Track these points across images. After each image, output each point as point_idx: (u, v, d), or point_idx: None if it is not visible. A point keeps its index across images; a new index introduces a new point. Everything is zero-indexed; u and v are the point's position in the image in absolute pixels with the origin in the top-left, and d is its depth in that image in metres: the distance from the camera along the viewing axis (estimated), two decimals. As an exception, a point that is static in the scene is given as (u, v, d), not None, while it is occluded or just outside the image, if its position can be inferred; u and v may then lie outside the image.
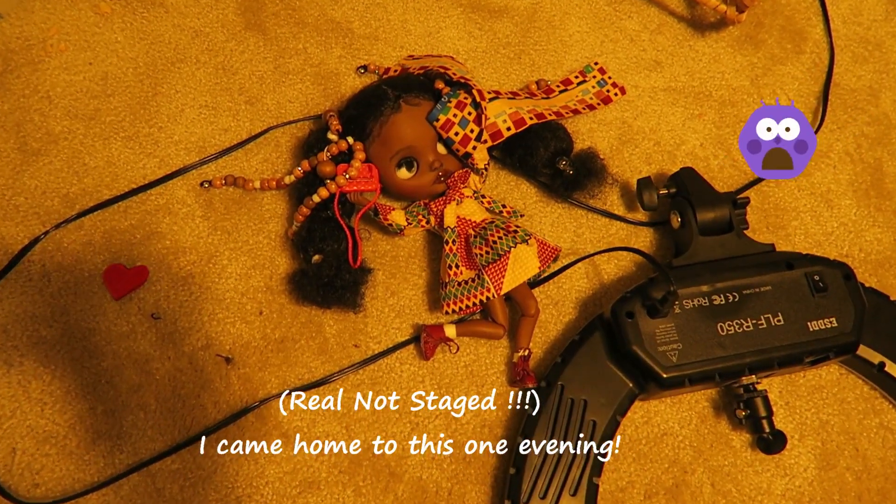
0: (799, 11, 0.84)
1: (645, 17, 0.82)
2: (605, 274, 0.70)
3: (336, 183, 0.65)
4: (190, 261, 0.67)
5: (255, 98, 0.74)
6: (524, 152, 0.71)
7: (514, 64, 0.79)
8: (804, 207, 0.75)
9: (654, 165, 0.75)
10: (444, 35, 0.79)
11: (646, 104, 0.78)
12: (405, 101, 0.66)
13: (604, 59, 0.80)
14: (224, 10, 0.77)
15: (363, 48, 0.78)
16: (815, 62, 0.82)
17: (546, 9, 0.81)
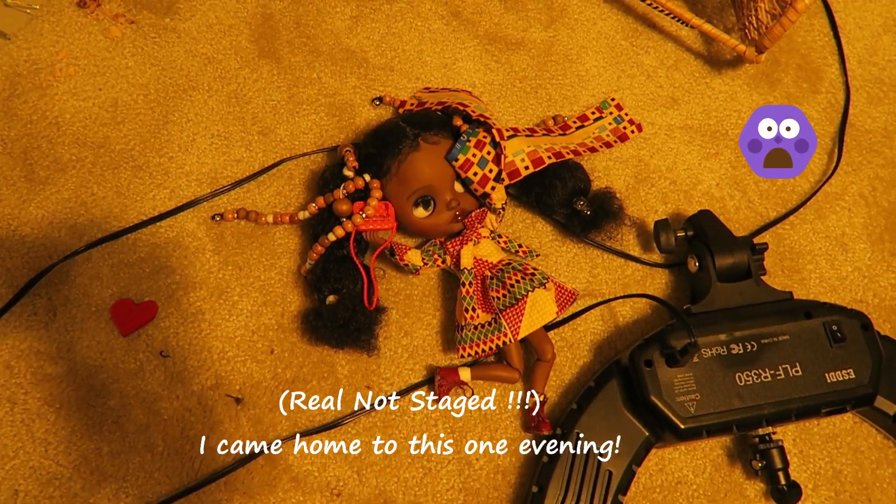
0: (815, 50, 0.84)
1: (662, 53, 0.81)
2: (621, 317, 0.69)
3: (352, 222, 0.64)
4: (200, 296, 0.66)
5: (268, 128, 0.73)
6: (542, 191, 0.70)
7: (531, 98, 0.78)
8: (819, 251, 0.75)
9: (670, 205, 0.75)
10: (461, 67, 0.78)
11: (662, 142, 0.78)
12: (424, 140, 0.65)
13: (620, 94, 0.79)
14: (237, 37, 0.76)
15: (378, 79, 0.76)
16: (830, 102, 0.81)
17: (563, 42, 0.81)
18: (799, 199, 0.76)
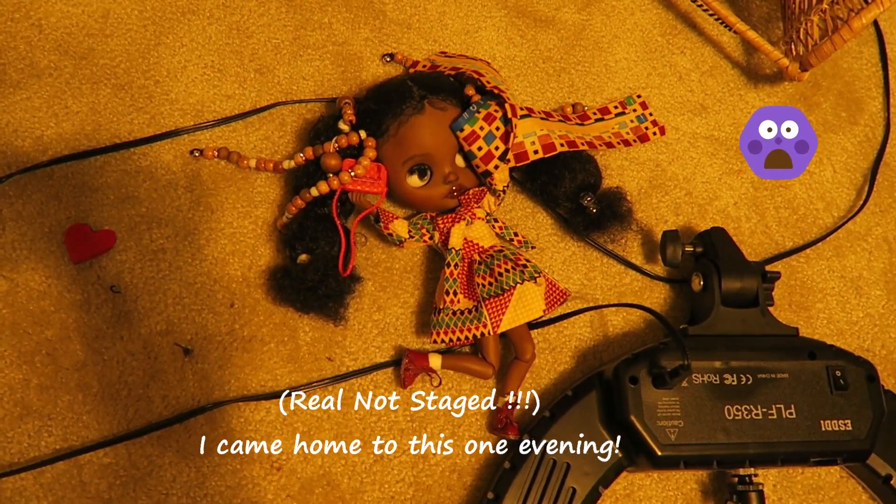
0: (860, 79, 0.79)
1: (698, 56, 0.76)
2: (612, 326, 0.64)
3: (339, 179, 0.58)
4: (164, 234, 0.61)
5: (266, 67, 0.67)
6: (548, 180, 0.65)
7: (553, 81, 0.72)
8: (832, 290, 0.70)
9: (682, 217, 0.70)
10: (483, 36, 0.73)
11: (684, 149, 0.72)
12: (430, 103, 0.60)
13: (648, 92, 0.74)
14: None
15: (393, 34, 0.71)
16: (868, 136, 0.76)
17: (596, 28, 0.75)
18: (819, 233, 0.71)
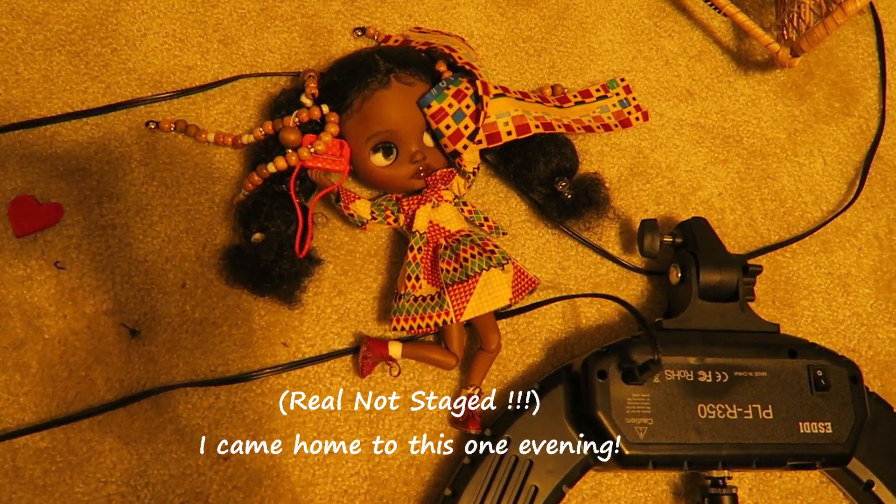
0: (856, 69, 0.75)
1: (686, 40, 0.73)
2: (584, 318, 0.62)
3: (298, 155, 0.55)
4: (114, 209, 0.58)
5: (231, 38, 0.64)
6: (522, 163, 0.61)
7: (533, 61, 0.69)
8: (818, 287, 0.67)
9: (663, 206, 0.67)
10: (461, 13, 0.69)
11: (668, 136, 0.69)
12: (396, 78, 0.57)
13: (632, 76, 0.71)
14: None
15: (366, 8, 0.68)
16: (861, 128, 0.73)
17: (580, 7, 0.72)
18: (807, 227, 0.68)
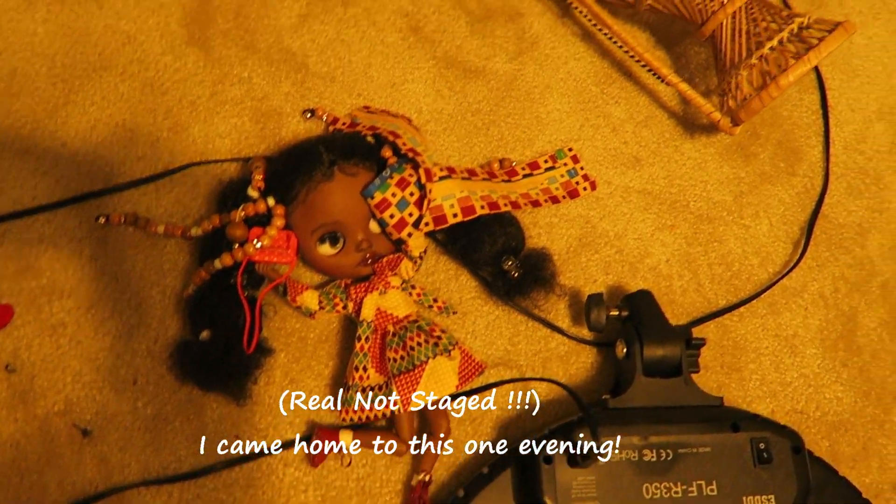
0: (800, 127, 0.77)
1: (633, 106, 0.74)
2: (536, 394, 0.63)
3: (244, 251, 0.56)
4: (65, 307, 0.58)
5: (181, 125, 0.65)
6: (468, 244, 0.63)
7: (481, 135, 0.70)
8: (766, 350, 0.68)
9: (611, 276, 0.68)
10: (409, 89, 0.71)
11: (616, 204, 0.71)
12: (340, 169, 0.58)
13: (580, 145, 0.72)
14: (167, 18, 0.68)
15: (315, 88, 0.69)
16: (806, 187, 0.75)
17: (527, 78, 0.73)
18: (753, 290, 0.70)
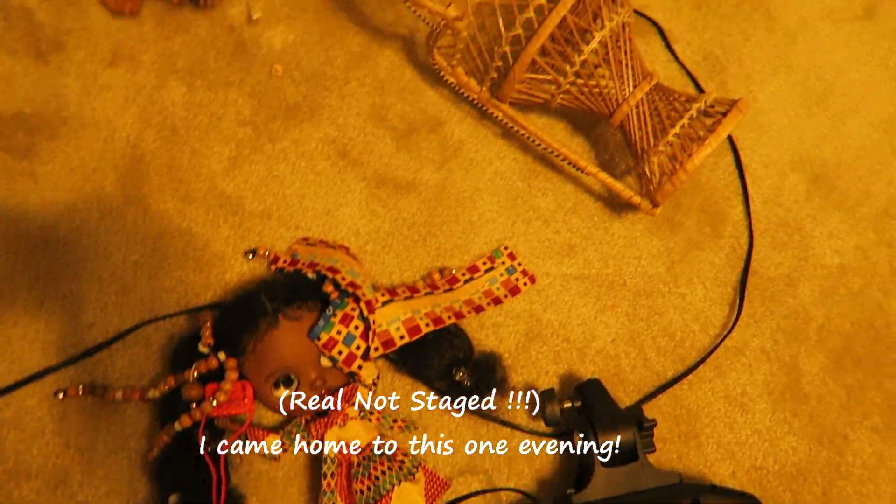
0: (719, 190, 0.81)
1: (560, 196, 0.78)
2: (505, 496, 0.65)
3: (201, 410, 0.58)
4: (34, 488, 0.60)
5: (127, 287, 0.67)
6: (417, 361, 0.65)
7: (419, 247, 0.74)
8: (718, 413, 0.71)
9: (561, 365, 0.71)
10: (344, 213, 0.74)
11: (557, 294, 0.74)
12: (284, 315, 0.61)
13: (515, 241, 0.75)
14: (102, 182, 0.71)
15: (254, 228, 0.72)
16: (733, 247, 0.79)
17: (456, 183, 0.77)
18: (698, 356, 0.73)
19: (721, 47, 0.88)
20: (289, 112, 0.77)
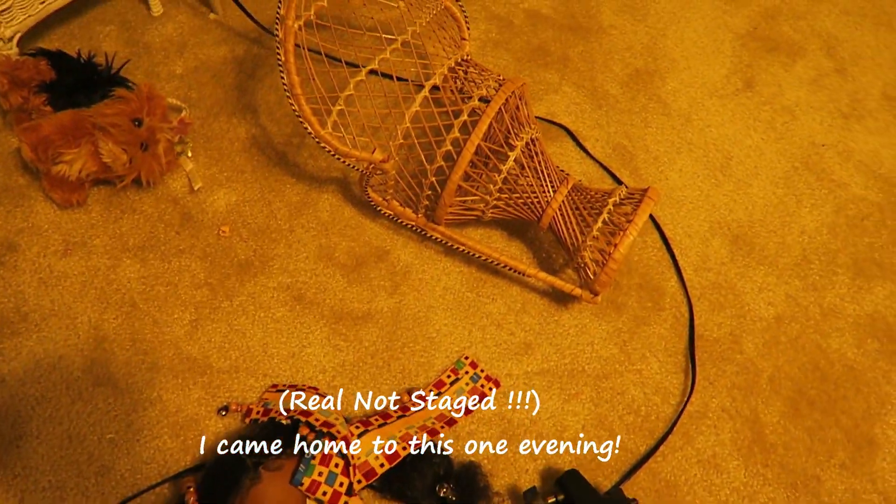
0: (652, 266, 0.87)
1: (508, 298, 0.83)
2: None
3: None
4: None
5: (106, 467, 0.68)
6: (401, 484, 0.67)
7: (384, 373, 0.77)
8: (695, 479, 0.74)
9: (539, 461, 0.73)
10: (308, 353, 0.77)
11: (522, 393, 0.77)
12: (265, 468, 0.62)
13: (473, 349, 0.79)
14: (69, 368, 0.73)
15: (223, 384, 0.74)
16: (676, 317, 0.84)
17: (410, 306, 0.81)
18: (665, 426, 0.77)
19: (627, 137, 0.97)
20: (241, 268, 0.81)
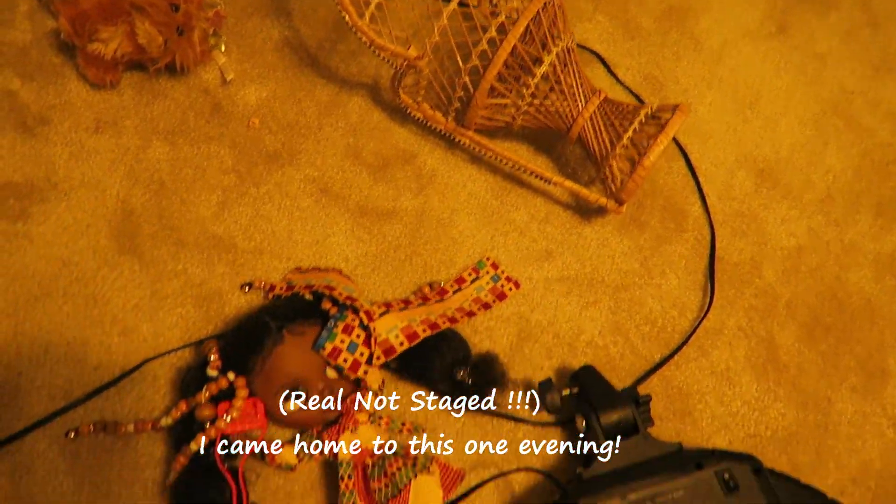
0: (677, 191, 0.88)
1: (532, 208, 0.83)
2: (517, 485, 0.66)
3: (216, 427, 0.60)
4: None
5: (129, 328, 0.69)
6: (420, 364, 0.68)
7: (406, 266, 0.77)
8: (707, 389, 0.75)
9: (555, 359, 0.74)
10: (332, 242, 0.78)
11: (541, 296, 0.78)
12: (289, 331, 0.63)
13: (495, 253, 0.80)
14: (96, 236, 0.74)
15: (248, 263, 0.75)
16: (697, 239, 0.84)
17: (434, 207, 0.82)
18: (680, 338, 0.77)
19: (658, 68, 0.97)
20: (269, 158, 0.82)
